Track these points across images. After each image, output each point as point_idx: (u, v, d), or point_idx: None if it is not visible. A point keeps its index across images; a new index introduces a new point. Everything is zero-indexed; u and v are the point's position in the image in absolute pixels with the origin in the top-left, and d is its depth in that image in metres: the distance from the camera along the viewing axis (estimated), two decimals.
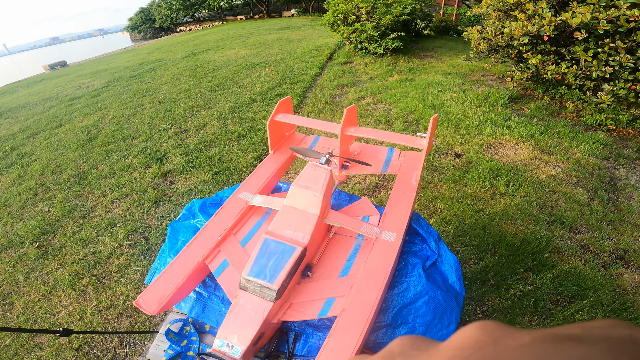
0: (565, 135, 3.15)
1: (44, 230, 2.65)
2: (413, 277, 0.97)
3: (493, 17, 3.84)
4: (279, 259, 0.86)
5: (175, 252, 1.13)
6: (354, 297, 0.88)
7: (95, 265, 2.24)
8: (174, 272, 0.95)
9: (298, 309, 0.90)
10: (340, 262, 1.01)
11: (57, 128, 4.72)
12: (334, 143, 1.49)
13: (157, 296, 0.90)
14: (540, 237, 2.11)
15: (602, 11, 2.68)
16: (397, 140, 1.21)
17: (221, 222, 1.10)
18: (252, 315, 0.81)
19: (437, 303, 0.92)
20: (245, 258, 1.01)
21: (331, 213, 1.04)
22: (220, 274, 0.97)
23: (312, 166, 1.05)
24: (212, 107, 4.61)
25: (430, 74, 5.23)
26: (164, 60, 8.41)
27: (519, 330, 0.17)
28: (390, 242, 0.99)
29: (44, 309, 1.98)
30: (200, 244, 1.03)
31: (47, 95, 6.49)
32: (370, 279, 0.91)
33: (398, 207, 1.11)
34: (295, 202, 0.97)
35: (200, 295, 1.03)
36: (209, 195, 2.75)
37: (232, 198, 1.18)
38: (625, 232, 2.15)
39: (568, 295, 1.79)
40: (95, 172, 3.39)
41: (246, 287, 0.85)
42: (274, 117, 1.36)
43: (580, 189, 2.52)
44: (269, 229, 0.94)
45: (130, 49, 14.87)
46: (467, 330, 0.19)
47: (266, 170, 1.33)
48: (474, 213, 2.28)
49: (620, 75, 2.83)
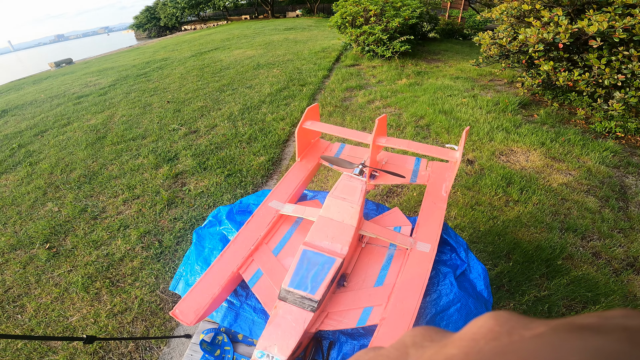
0: (576, 142, 3.16)
1: (55, 230, 2.65)
2: (445, 285, 0.99)
3: (506, 23, 3.84)
4: (319, 270, 0.86)
5: (202, 260, 1.14)
6: (394, 306, 0.89)
7: (109, 267, 2.24)
8: (208, 282, 0.95)
9: (336, 318, 0.90)
10: (374, 272, 1.02)
11: (66, 126, 4.73)
12: (359, 151, 1.49)
13: (193, 306, 0.90)
14: (553, 244, 2.12)
15: (619, 19, 2.68)
16: (429, 152, 1.22)
17: (253, 232, 1.11)
18: (293, 326, 0.81)
19: (468, 310, 0.95)
20: (278, 267, 1.01)
21: (366, 224, 1.05)
22: (255, 283, 0.97)
23: (347, 177, 1.06)
24: (222, 108, 4.62)
25: (438, 78, 5.24)
26: (171, 59, 8.42)
27: (532, 320, 0.17)
28: (425, 252, 1.01)
29: (57, 312, 1.96)
30: (234, 254, 1.03)
31: (54, 92, 6.50)
32: (408, 288, 0.92)
33: (430, 219, 1.12)
34: (332, 213, 0.98)
35: (231, 304, 1.03)
36: (222, 198, 2.77)
37: (262, 207, 1.19)
38: (635, 240, 2.17)
39: (581, 300, 1.81)
40: (106, 172, 3.39)
41: (286, 298, 0.85)
42: (302, 124, 1.37)
43: (592, 197, 2.53)
44: (306, 240, 0.94)
45: (135, 47, 14.89)
46: (480, 320, 0.19)
47: (295, 178, 1.33)
48: (488, 220, 2.29)
49: (632, 83, 2.83)
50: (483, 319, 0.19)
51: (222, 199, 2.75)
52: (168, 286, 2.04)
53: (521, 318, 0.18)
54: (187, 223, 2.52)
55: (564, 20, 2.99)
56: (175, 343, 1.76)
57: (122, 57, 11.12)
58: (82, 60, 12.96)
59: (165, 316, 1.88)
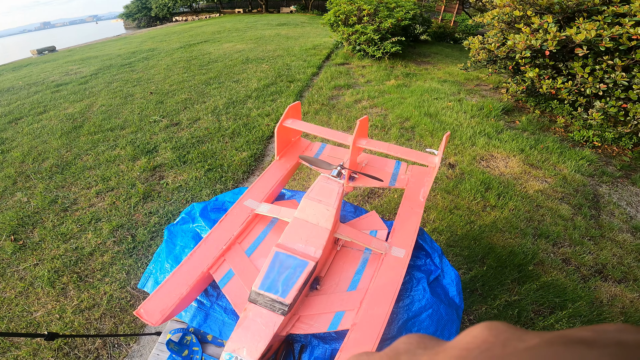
0: (554, 150, 3.24)
1: (23, 222, 2.53)
2: (418, 291, 0.99)
3: (497, 28, 3.88)
4: (291, 274, 0.84)
5: (173, 258, 1.09)
6: (365, 311, 0.88)
7: (77, 262, 2.15)
8: (177, 281, 0.92)
9: (307, 322, 0.89)
10: (348, 276, 1.01)
11: (41, 114, 4.52)
12: (340, 152, 1.47)
13: (159, 306, 0.87)
14: (526, 250, 2.16)
15: (607, 28, 2.71)
16: (409, 157, 1.20)
17: (226, 231, 1.07)
18: (262, 329, 0.79)
19: (439, 316, 0.95)
20: (251, 268, 0.99)
21: (341, 227, 1.03)
22: (226, 284, 0.95)
23: (324, 179, 1.03)
24: (206, 101, 4.52)
25: (426, 80, 5.28)
26: (158, 50, 8.19)
27: (527, 332, 0.17)
28: (399, 258, 1.00)
29: (21, 307, 1.88)
30: (205, 253, 1.00)
31: (33, 80, 6.22)
32: (381, 293, 0.92)
33: (407, 224, 1.11)
34: (307, 215, 0.96)
35: (201, 304, 1.00)
36: (201, 193, 2.70)
37: (237, 205, 1.15)
38: (605, 248, 2.23)
39: (549, 306, 1.85)
40: (80, 162, 3.27)
41: (256, 300, 0.83)
42: (282, 122, 1.33)
43: (566, 205, 2.60)
44: (279, 242, 0.92)
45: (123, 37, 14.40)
46: (475, 330, 0.19)
47: (272, 177, 1.30)
48: (466, 224, 2.32)
49: (613, 93, 2.88)
50: (477, 328, 0.19)
51: (201, 194, 2.69)
52: (139, 282, 1.98)
53: (516, 330, 0.18)
54: (162, 218, 2.45)
55: (553, 28, 3.01)
56: (146, 340, 1.71)
57: (107, 46, 10.74)
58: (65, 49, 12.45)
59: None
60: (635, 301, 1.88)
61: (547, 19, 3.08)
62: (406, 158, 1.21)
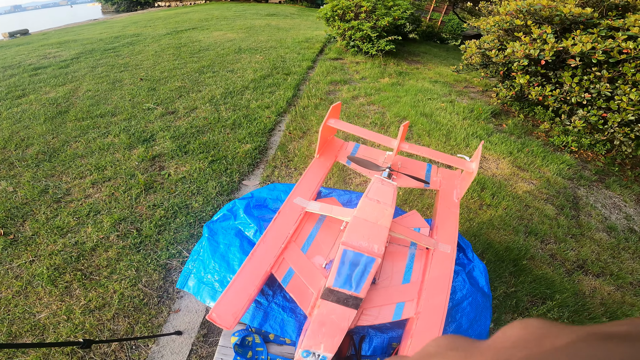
0: (538, 154, 3.49)
1: (10, 214, 2.36)
2: (459, 282, 1.10)
3: (494, 34, 4.03)
4: (362, 270, 0.90)
5: (219, 257, 1.10)
6: (426, 301, 0.96)
7: (79, 258, 2.05)
8: (243, 282, 0.93)
9: (372, 314, 0.95)
10: (400, 270, 1.08)
11: (20, 98, 4.18)
12: (374, 153, 1.52)
13: (231, 309, 0.88)
14: (519, 246, 2.35)
15: (601, 41, 2.88)
16: (448, 162, 1.30)
17: (282, 229, 1.09)
18: (337, 324, 0.84)
19: (477, 303, 1.06)
20: (309, 266, 1.02)
21: (393, 224, 1.09)
22: (288, 283, 0.98)
23: (379, 180, 1.10)
24: (202, 90, 4.38)
25: (418, 80, 5.42)
26: (143, 36, 7.73)
27: (562, 328, 0.17)
28: (447, 253, 1.09)
29: (21, 308, 1.76)
30: (265, 252, 1.02)
31: (8, 63, 5.68)
32: (436, 285, 1.00)
33: (447, 222, 1.20)
34: (367, 214, 1.01)
35: (259, 304, 1.02)
36: (206, 185, 2.67)
37: (287, 203, 1.18)
38: (584, 245, 2.48)
39: (541, 297, 2.04)
40: (69, 150, 3.09)
41: (328, 297, 0.88)
42: (327, 121, 1.37)
43: (550, 205, 2.83)
44: (344, 240, 0.96)
45: (102, 21, 13.38)
46: (510, 329, 0.19)
47: (315, 176, 1.34)
48: (465, 222, 2.47)
49: (596, 103, 3.09)
50: (512, 328, 0.19)
51: (207, 186, 2.65)
52: (151, 279, 1.94)
53: (551, 326, 0.18)
54: (168, 211, 2.40)
55: (551, 38, 3.16)
56: (165, 341, 1.67)
57: (86, 30, 9.96)
58: (39, 32, 11.40)
59: (151, 312, 1.78)
60: (612, 293, 2.12)
61: (546, 29, 3.24)
62: (446, 163, 1.30)
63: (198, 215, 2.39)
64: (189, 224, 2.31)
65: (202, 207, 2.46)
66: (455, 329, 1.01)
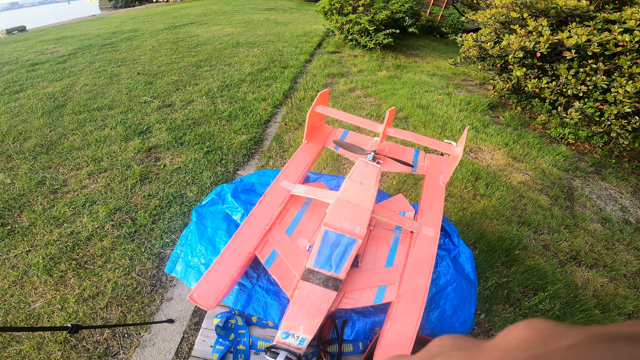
0: (534, 145, 3.48)
1: (8, 205, 2.39)
2: (443, 267, 1.10)
3: (490, 27, 4.00)
4: (342, 251, 0.89)
5: (206, 240, 1.11)
6: (407, 284, 0.96)
7: (74, 247, 2.07)
8: (225, 263, 0.93)
9: (353, 297, 0.94)
10: (384, 253, 1.08)
11: (18, 93, 4.19)
12: (362, 138, 1.53)
13: (212, 290, 0.87)
14: (512, 236, 2.36)
15: (597, 34, 2.87)
16: (435, 146, 1.30)
17: (267, 211, 1.09)
18: (317, 306, 0.83)
19: (462, 290, 1.06)
20: (293, 248, 1.02)
21: (377, 207, 1.09)
22: (271, 264, 0.97)
23: (363, 163, 1.10)
24: (198, 83, 4.38)
25: (416, 73, 5.40)
26: (141, 31, 7.70)
27: (568, 328, 0.17)
28: (430, 236, 1.09)
29: (17, 298, 1.78)
30: (249, 234, 1.01)
31: (5, 59, 5.69)
32: (418, 268, 1.00)
33: (432, 206, 1.20)
34: (349, 196, 1.01)
35: (243, 286, 1.02)
36: (201, 175, 2.68)
37: (273, 186, 1.19)
38: (578, 236, 2.48)
39: (533, 287, 2.05)
40: (66, 142, 3.11)
41: (309, 278, 0.87)
42: (314, 108, 1.37)
43: (544, 196, 2.83)
44: (325, 221, 0.96)
45: (99, 17, 13.30)
46: (515, 329, 0.18)
47: (303, 160, 1.34)
48: (459, 211, 2.48)
49: (592, 95, 3.09)
50: (517, 328, 0.18)
51: (202, 176, 2.67)
52: (145, 268, 1.96)
53: (557, 326, 0.17)
54: (163, 200, 2.42)
55: (546, 31, 3.14)
56: (157, 328, 1.69)
57: (83, 26, 9.90)
58: (37, 28, 11.36)
59: (144, 300, 1.80)
60: (605, 285, 2.12)
61: (542, 22, 3.22)
62: (432, 147, 1.30)
63: (192, 205, 2.40)
64: (183, 213, 2.32)
65: (197, 196, 2.48)
66: (438, 315, 1.00)
